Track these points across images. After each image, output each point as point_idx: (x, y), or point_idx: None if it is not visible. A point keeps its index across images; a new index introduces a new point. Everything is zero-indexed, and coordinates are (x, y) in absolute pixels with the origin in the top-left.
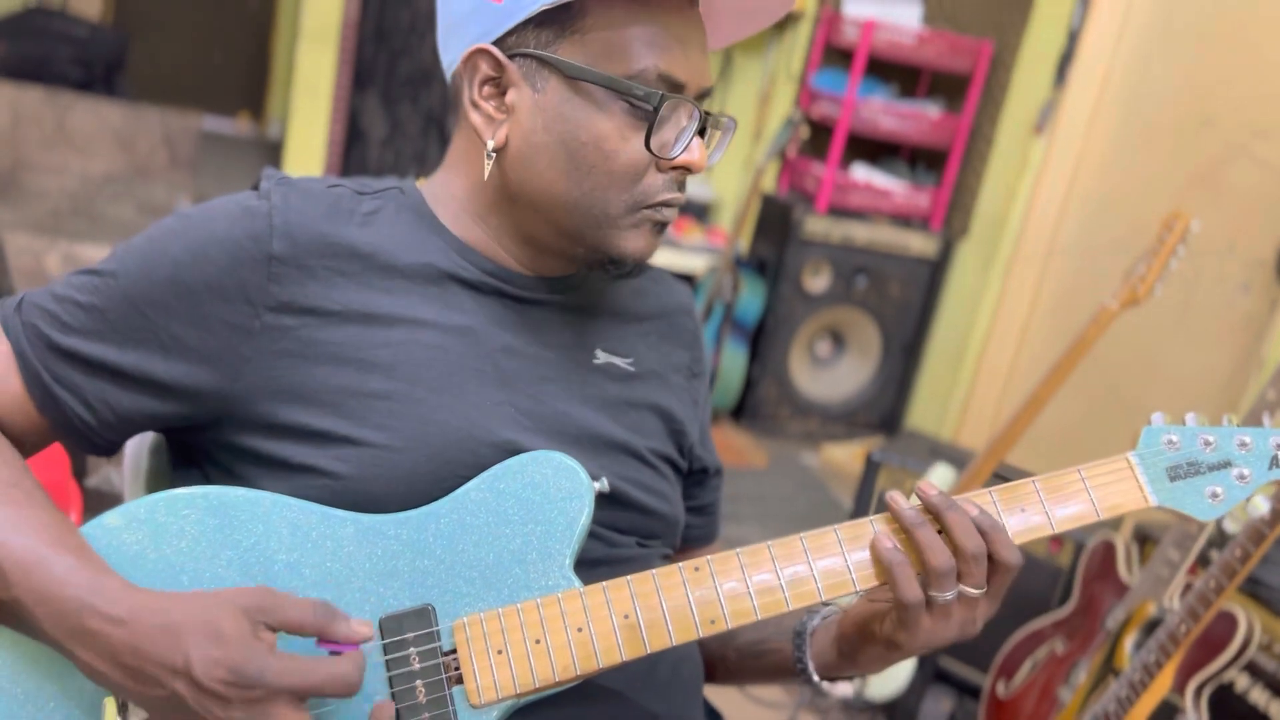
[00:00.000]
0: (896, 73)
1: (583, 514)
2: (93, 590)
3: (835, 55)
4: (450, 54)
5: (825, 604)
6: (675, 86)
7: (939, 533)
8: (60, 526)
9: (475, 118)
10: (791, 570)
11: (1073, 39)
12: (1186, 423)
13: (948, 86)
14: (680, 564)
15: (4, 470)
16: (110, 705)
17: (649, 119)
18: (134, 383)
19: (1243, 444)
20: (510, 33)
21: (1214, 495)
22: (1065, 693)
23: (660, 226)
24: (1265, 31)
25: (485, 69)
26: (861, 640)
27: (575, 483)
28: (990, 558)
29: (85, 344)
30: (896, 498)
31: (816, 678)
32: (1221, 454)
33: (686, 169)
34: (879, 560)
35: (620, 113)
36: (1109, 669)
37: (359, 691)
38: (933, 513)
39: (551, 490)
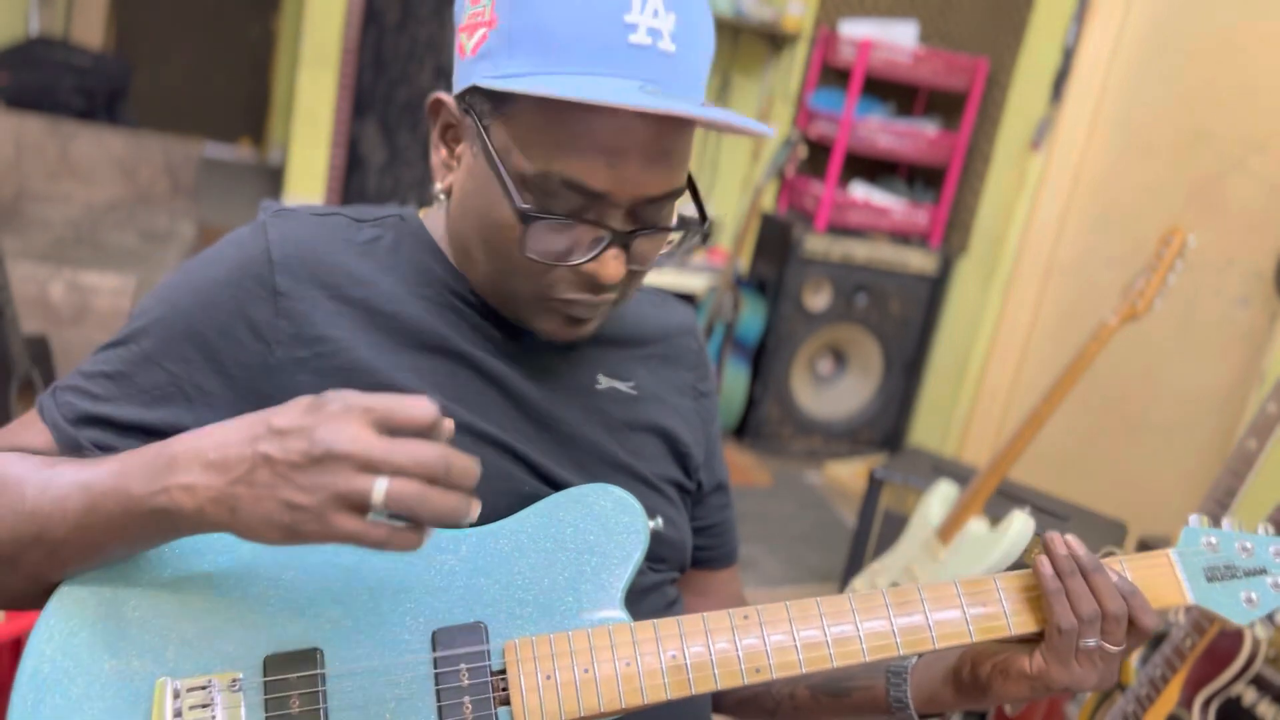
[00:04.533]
0: (893, 91)
1: (638, 550)
2: (164, 441)
3: (832, 75)
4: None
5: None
6: (589, 194)
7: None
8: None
9: (434, 158)
10: (839, 628)
11: (1068, 56)
12: (1223, 527)
13: (944, 104)
14: (730, 610)
15: (36, 458)
16: (160, 687)
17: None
18: (166, 438)
19: (1278, 553)
20: (468, 90)
21: (1249, 600)
22: (1072, 709)
23: (575, 320)
24: (1259, 46)
25: (445, 116)
26: (1000, 677)
27: (633, 518)
28: (1129, 620)
29: (116, 409)
30: (1054, 541)
31: (917, 716)
32: (1258, 561)
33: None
34: (1043, 586)
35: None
36: (1116, 685)
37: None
38: (1082, 570)
39: (610, 523)
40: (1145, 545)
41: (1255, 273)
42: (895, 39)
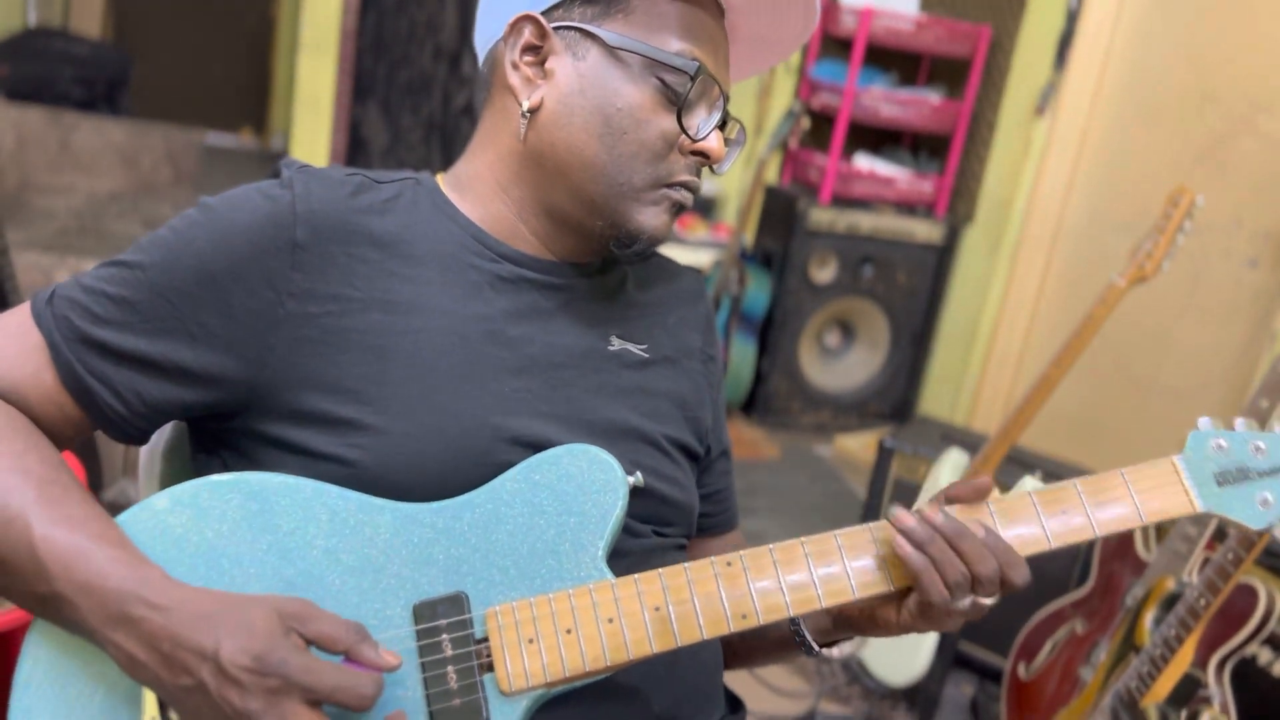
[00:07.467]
0: (896, 60)
1: (616, 507)
2: (137, 580)
3: (834, 45)
4: (494, 24)
5: None
6: (708, 76)
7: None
8: (101, 520)
9: (514, 79)
10: (826, 569)
11: (1071, 20)
12: (1236, 428)
13: (948, 72)
14: (713, 559)
15: (40, 467)
16: (151, 695)
17: (679, 100)
18: (163, 373)
19: None
20: (556, 6)
21: (1264, 502)
22: (1086, 672)
23: (677, 208)
24: (1264, 6)
25: (529, 36)
26: (869, 622)
27: (610, 476)
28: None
29: (116, 335)
30: (902, 517)
31: (816, 646)
32: (1273, 460)
33: (705, 156)
34: (907, 564)
35: (653, 90)
36: (1130, 646)
37: (378, 697)
38: (945, 536)
39: (587, 483)
40: None
41: (1264, 233)
42: (896, 7)
